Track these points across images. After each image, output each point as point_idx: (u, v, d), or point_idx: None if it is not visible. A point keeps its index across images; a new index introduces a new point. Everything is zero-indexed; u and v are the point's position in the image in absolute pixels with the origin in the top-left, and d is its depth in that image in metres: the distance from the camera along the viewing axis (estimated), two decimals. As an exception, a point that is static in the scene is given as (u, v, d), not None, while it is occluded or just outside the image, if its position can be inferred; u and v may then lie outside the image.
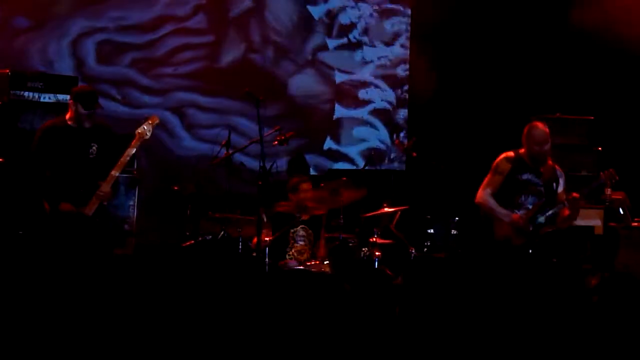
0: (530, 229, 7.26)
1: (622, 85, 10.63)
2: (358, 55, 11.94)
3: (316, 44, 11.76)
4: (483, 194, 7.45)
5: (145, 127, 7.04)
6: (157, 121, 7.13)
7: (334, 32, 11.85)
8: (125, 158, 6.92)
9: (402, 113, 11.95)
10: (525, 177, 7.36)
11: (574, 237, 9.10)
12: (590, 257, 9.13)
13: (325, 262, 7.88)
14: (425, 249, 9.55)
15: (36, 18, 10.45)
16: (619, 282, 8.06)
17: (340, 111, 11.85)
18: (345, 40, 11.90)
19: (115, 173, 6.93)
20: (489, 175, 7.49)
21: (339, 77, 11.83)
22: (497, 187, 7.41)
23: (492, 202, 7.40)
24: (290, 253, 8.06)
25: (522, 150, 7.45)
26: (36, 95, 8.97)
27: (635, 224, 9.19)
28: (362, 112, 11.92)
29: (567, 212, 7.35)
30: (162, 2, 11.10)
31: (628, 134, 10.53)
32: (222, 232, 8.04)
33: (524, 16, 10.92)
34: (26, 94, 8.95)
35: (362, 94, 11.93)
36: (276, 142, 8.78)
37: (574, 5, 10.09)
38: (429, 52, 11.24)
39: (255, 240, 7.71)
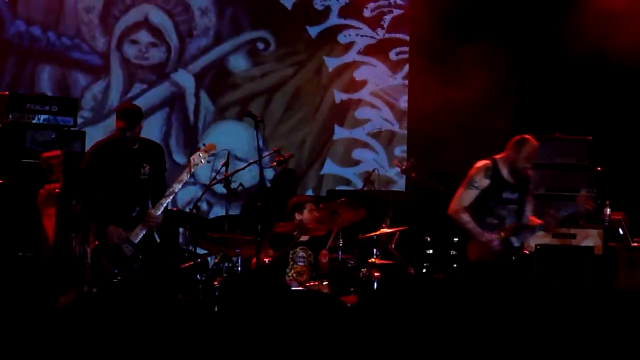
0: (502, 250, 6.96)
1: (621, 104, 10.64)
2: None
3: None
4: (457, 208, 7.03)
5: (201, 155, 6.89)
6: (213, 149, 7.00)
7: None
8: (178, 184, 6.79)
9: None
10: (505, 195, 7.04)
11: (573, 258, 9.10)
12: (590, 277, 9.11)
13: (324, 283, 7.87)
14: (424, 270, 9.53)
15: None
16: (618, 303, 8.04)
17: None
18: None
19: (166, 200, 6.77)
20: (463, 187, 7.11)
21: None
22: (472, 200, 7.02)
23: (467, 218, 7.02)
24: (290, 274, 8.04)
25: (500, 156, 7.16)
26: (37, 116, 9.03)
27: (635, 244, 9.17)
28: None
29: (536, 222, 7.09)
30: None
31: (627, 154, 10.52)
32: (221, 253, 8.01)
33: (522, 36, 10.94)
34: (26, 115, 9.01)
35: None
36: (274, 163, 8.78)
37: (571, 25, 10.11)
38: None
39: (254, 260, 7.69)
